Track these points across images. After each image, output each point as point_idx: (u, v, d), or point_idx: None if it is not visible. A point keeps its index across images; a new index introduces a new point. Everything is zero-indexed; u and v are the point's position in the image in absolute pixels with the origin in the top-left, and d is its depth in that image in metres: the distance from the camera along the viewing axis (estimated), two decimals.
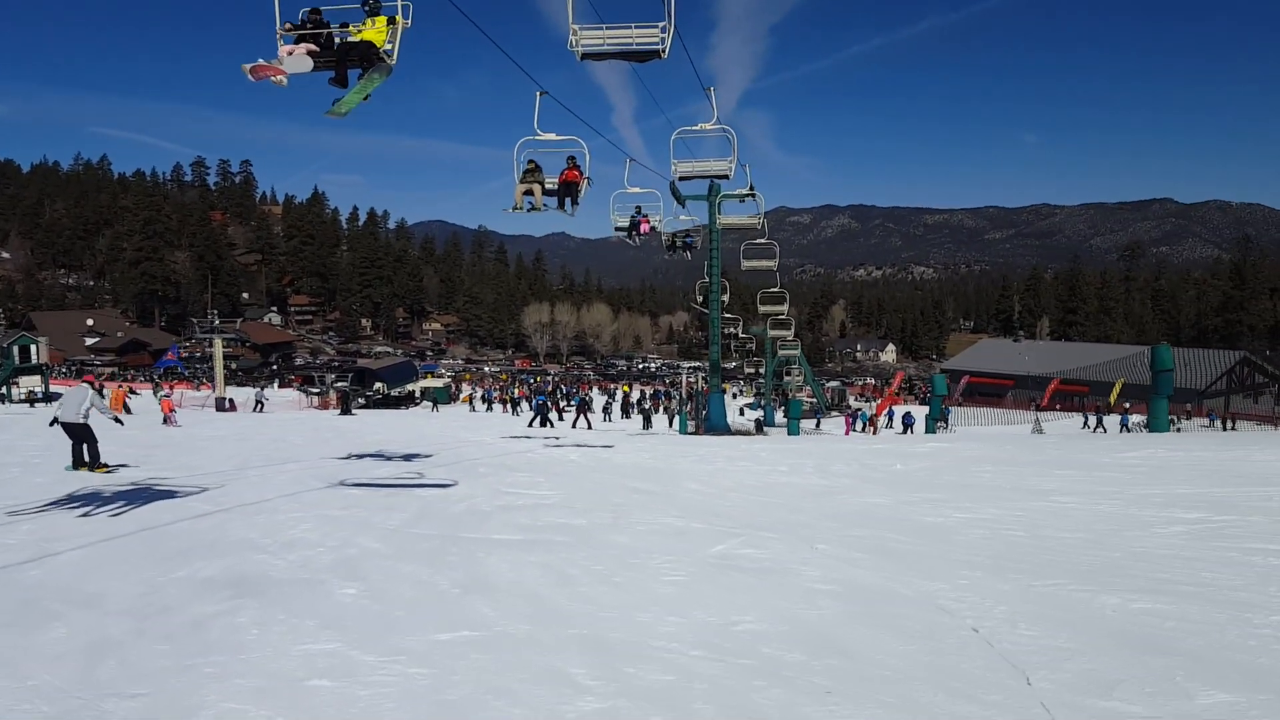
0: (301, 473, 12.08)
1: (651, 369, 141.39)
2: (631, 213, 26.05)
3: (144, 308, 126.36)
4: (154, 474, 11.83)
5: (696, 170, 25.86)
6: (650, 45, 14.18)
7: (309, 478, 11.54)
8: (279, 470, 12.39)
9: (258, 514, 8.75)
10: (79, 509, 8.73)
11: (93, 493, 9.75)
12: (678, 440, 23.35)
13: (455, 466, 13.31)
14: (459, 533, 7.92)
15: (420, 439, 20.71)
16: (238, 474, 11.92)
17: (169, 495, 9.73)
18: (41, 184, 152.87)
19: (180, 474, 11.83)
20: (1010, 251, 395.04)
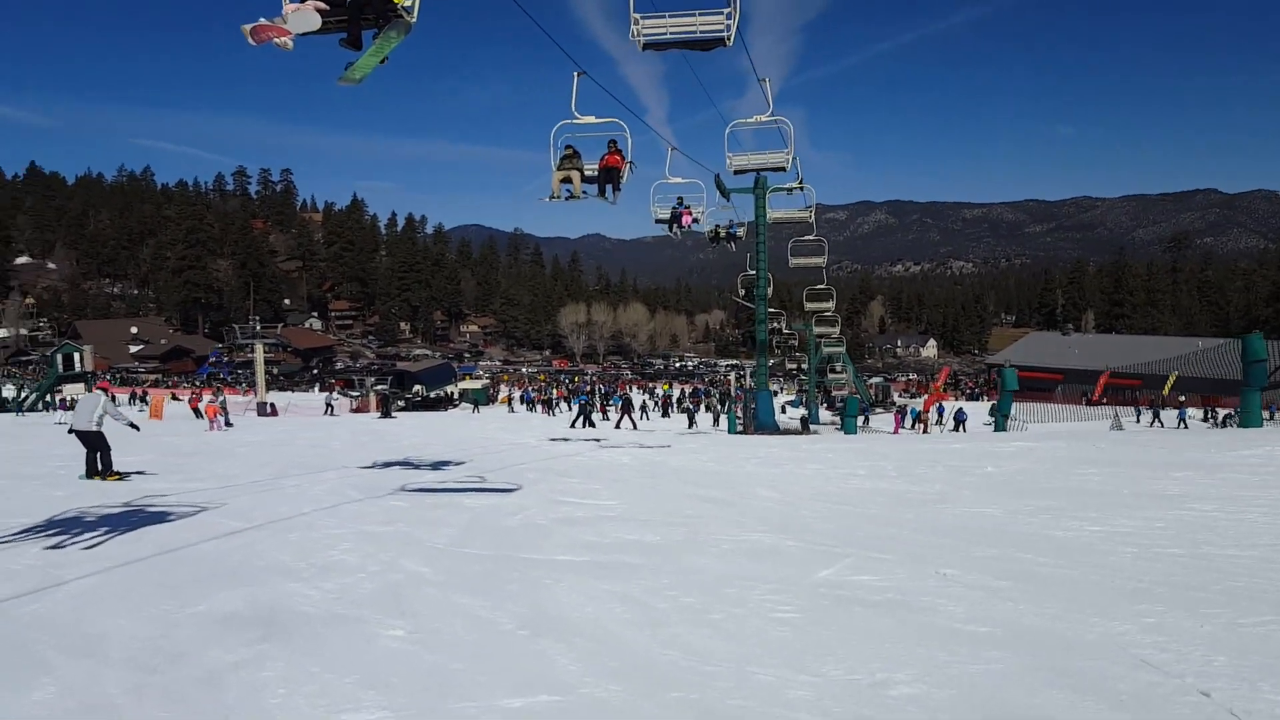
0: (339, 482, 11.20)
1: (689, 367, 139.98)
2: (673, 204, 25.07)
3: (187, 315, 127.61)
4: (183, 484, 11.01)
5: (751, 163, 25.04)
6: (715, 33, 13.59)
7: (347, 488, 10.65)
8: (316, 479, 11.53)
9: (291, 531, 7.84)
10: (95, 527, 7.87)
11: (112, 508, 8.91)
12: (729, 440, 22.25)
13: (502, 472, 12.37)
14: (516, 552, 6.93)
15: (462, 442, 19.85)
16: (272, 484, 11.07)
17: (196, 510, 8.86)
18: (86, 195, 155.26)
19: (211, 484, 11.00)
20: (1051, 245, 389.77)
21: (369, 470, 12.74)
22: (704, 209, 25.64)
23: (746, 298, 36.72)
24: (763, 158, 25.17)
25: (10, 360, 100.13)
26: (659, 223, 25.97)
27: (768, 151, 25.27)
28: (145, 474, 12.61)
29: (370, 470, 12.75)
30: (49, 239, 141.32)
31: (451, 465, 13.59)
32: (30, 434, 23.31)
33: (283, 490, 10.54)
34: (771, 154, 25.14)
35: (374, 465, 13.50)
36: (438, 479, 11.68)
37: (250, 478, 11.77)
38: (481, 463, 14.15)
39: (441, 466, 13.29)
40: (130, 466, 13.23)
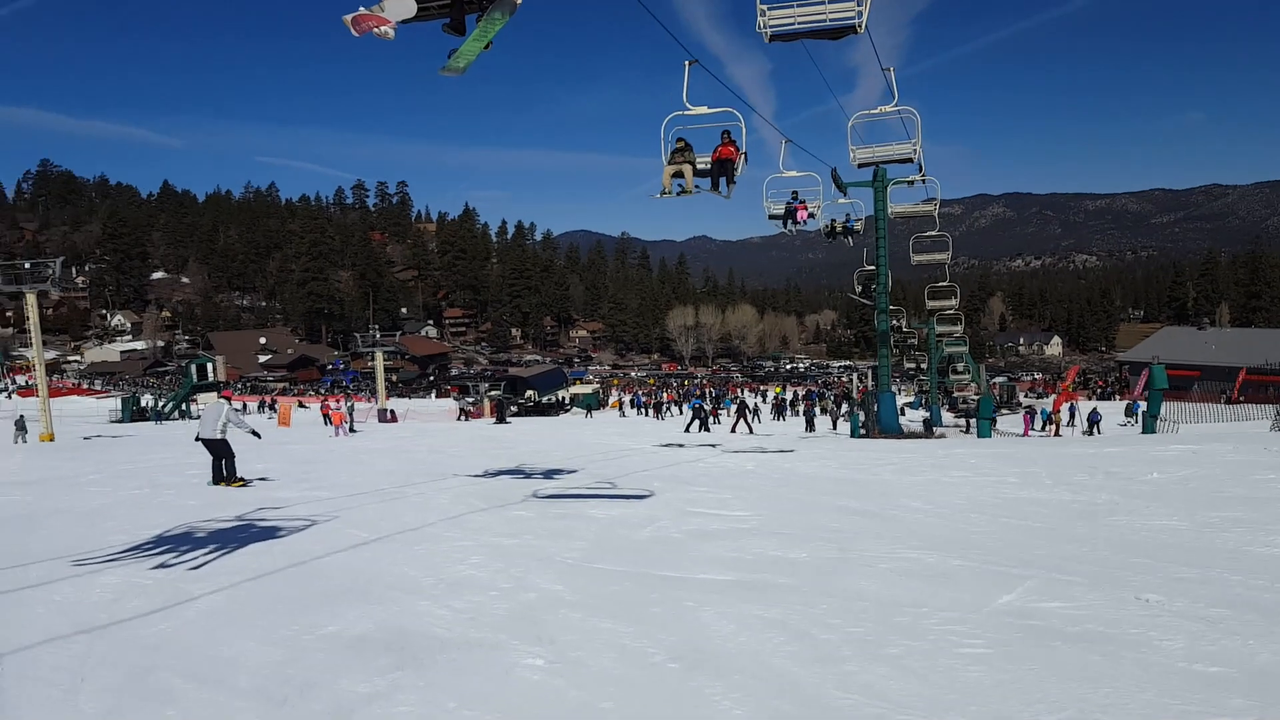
0: (463, 491, 10.96)
1: (800, 369, 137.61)
2: (786, 200, 24.30)
3: (311, 325, 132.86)
4: (309, 492, 10.97)
5: (876, 155, 24.14)
6: (846, 20, 12.94)
7: (471, 496, 10.38)
8: (439, 488, 11.33)
9: (418, 543, 7.55)
10: (225, 538, 7.77)
11: (241, 517, 8.84)
12: (855, 445, 21.32)
13: (626, 480, 11.94)
14: (653, 569, 6.45)
15: (579, 448, 19.59)
16: (397, 493, 10.91)
17: (323, 520, 8.71)
18: (216, 212, 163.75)
19: (337, 493, 10.93)
20: (1180, 236, 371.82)
21: (491, 478, 12.50)
22: (820, 203, 24.80)
23: (864, 294, 35.53)
24: (887, 150, 24.17)
25: (148, 371, 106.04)
26: (772, 219, 25.18)
27: (892, 143, 24.24)
28: (269, 480, 12.72)
29: (492, 478, 12.50)
30: (182, 254, 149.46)
31: (572, 472, 13.25)
32: (169, 442, 24.21)
33: (407, 499, 10.36)
34: (897, 146, 24.12)
35: (495, 473, 13.27)
36: (561, 487, 11.34)
37: (374, 485, 11.67)
38: (602, 470, 13.77)
39: (563, 474, 12.96)
40: (257, 473, 13.39)
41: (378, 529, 8.22)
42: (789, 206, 23.46)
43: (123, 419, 48.12)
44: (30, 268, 32.19)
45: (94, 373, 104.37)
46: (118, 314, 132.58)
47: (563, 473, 13.14)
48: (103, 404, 60.47)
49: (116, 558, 7.05)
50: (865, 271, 35.08)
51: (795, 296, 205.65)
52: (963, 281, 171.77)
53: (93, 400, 66.08)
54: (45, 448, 23.23)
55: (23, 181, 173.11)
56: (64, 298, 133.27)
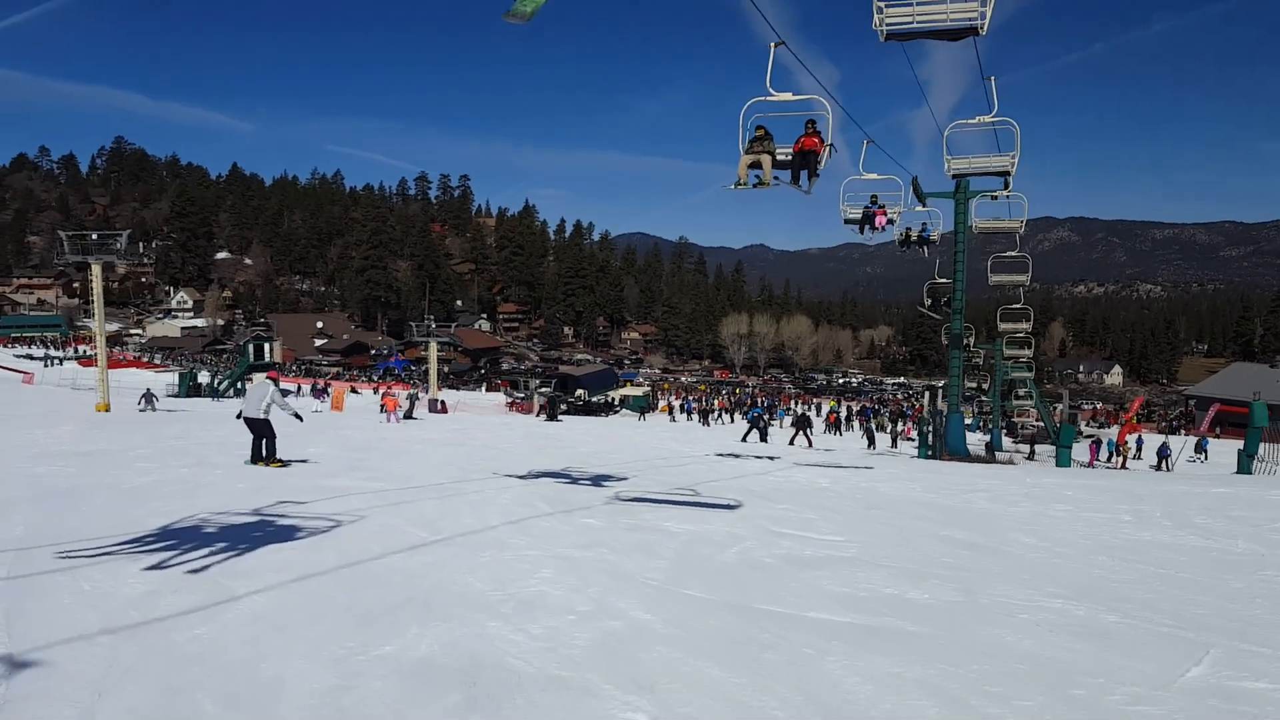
0: (525, 491, 10.24)
1: (853, 384, 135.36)
2: (865, 204, 23.31)
3: (368, 312, 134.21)
4: (365, 483, 10.33)
5: (973, 166, 23.19)
6: (967, 21, 12.18)
7: (535, 498, 9.66)
8: (500, 486, 10.63)
9: (483, 549, 6.82)
10: (274, 530, 7.12)
11: (292, 507, 8.21)
12: (927, 466, 20.24)
13: (695, 489, 11.12)
14: (752, 601, 5.62)
15: (638, 451, 18.83)
16: (454, 489, 10.23)
17: (378, 514, 8.05)
18: (281, 196, 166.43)
19: (392, 484, 10.29)
20: (1249, 270, 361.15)
21: (553, 479, 11.78)
22: (900, 209, 23.83)
23: (932, 308, 34.34)
24: (985, 161, 23.19)
25: (206, 348, 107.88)
26: (848, 223, 24.26)
27: (990, 155, 23.22)
28: (319, 464, 12.14)
29: (554, 479, 11.78)
30: (247, 236, 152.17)
31: (637, 478, 12.47)
32: (221, 419, 23.94)
33: (466, 496, 9.66)
34: (995, 157, 23.12)
35: (556, 473, 12.54)
36: (628, 492, 10.55)
37: (430, 479, 11.02)
38: (668, 477, 12.96)
39: (627, 479, 12.17)
40: (309, 456, 12.84)
41: (437, 529, 7.52)
42: (867, 211, 22.50)
43: (179, 394, 48.52)
44: (97, 239, 32.42)
45: (154, 347, 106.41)
46: (181, 291, 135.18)
47: (627, 478, 12.36)
48: (160, 378, 61.24)
49: (155, 543, 6.44)
50: (936, 284, 33.90)
51: (851, 310, 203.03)
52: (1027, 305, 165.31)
53: (151, 374, 67.02)
54: (99, 418, 23.09)
55: (97, 157, 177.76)
56: (130, 271, 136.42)
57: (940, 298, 33.96)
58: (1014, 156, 22.57)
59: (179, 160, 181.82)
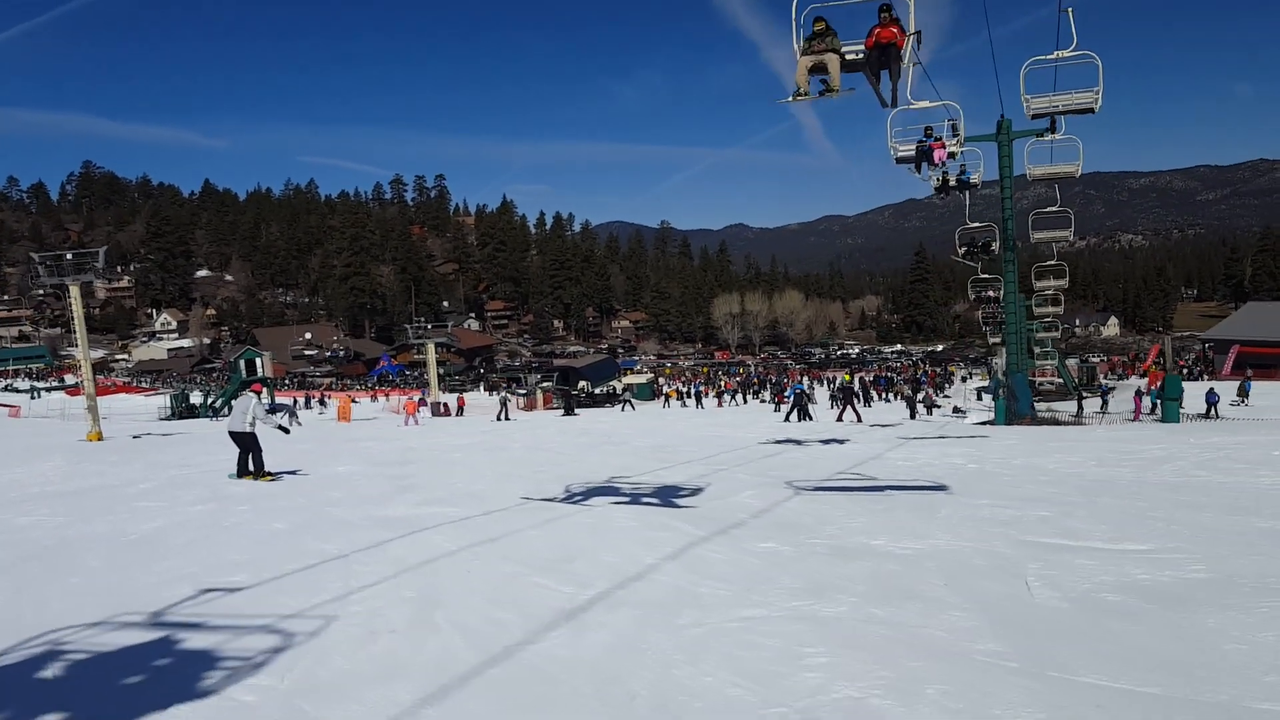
0: (640, 507, 8.10)
1: (852, 354, 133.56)
2: (918, 137, 21.24)
3: (354, 320, 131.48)
4: (427, 508, 8.23)
5: (1055, 104, 21.20)
6: None
7: (662, 514, 7.54)
8: (603, 502, 8.50)
9: (675, 610, 4.70)
10: (351, 596, 5.03)
11: (360, 558, 6.10)
12: (1029, 433, 18.20)
13: (828, 487, 9.06)
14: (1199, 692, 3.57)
15: (704, 442, 16.75)
16: (548, 510, 8.08)
17: (483, 559, 5.96)
18: (257, 209, 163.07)
19: (464, 508, 8.19)
20: (1226, 213, 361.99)
21: (652, 485, 9.69)
22: (961, 140, 21.78)
23: (966, 255, 32.30)
24: (1067, 98, 21.18)
25: (195, 368, 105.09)
26: (900, 162, 22.19)
27: (1072, 91, 21.23)
28: (347, 483, 10.06)
29: (653, 486, 9.69)
30: (225, 252, 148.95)
31: (745, 476, 10.41)
32: (225, 440, 21.73)
33: (572, 518, 7.52)
34: (1077, 94, 21.13)
35: (643, 478, 10.46)
36: (765, 500, 8.44)
37: (505, 497, 8.92)
38: (778, 470, 10.90)
39: (736, 478, 10.08)
40: (338, 476, 10.82)
41: (574, 576, 5.34)
42: (922, 145, 20.43)
43: (172, 416, 46.31)
44: (73, 259, 30.24)
45: (142, 371, 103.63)
46: (163, 312, 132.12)
47: (736, 477, 10.28)
48: (151, 402, 58.91)
49: (177, 638, 4.28)
50: (969, 230, 31.84)
51: (838, 282, 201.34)
52: None
53: (141, 398, 64.63)
54: (91, 449, 20.85)
55: (66, 184, 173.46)
56: (110, 296, 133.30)
57: (975, 244, 31.94)
58: (1098, 92, 20.65)
59: (150, 181, 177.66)
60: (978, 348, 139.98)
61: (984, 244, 31.75)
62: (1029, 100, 21.25)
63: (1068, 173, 25.75)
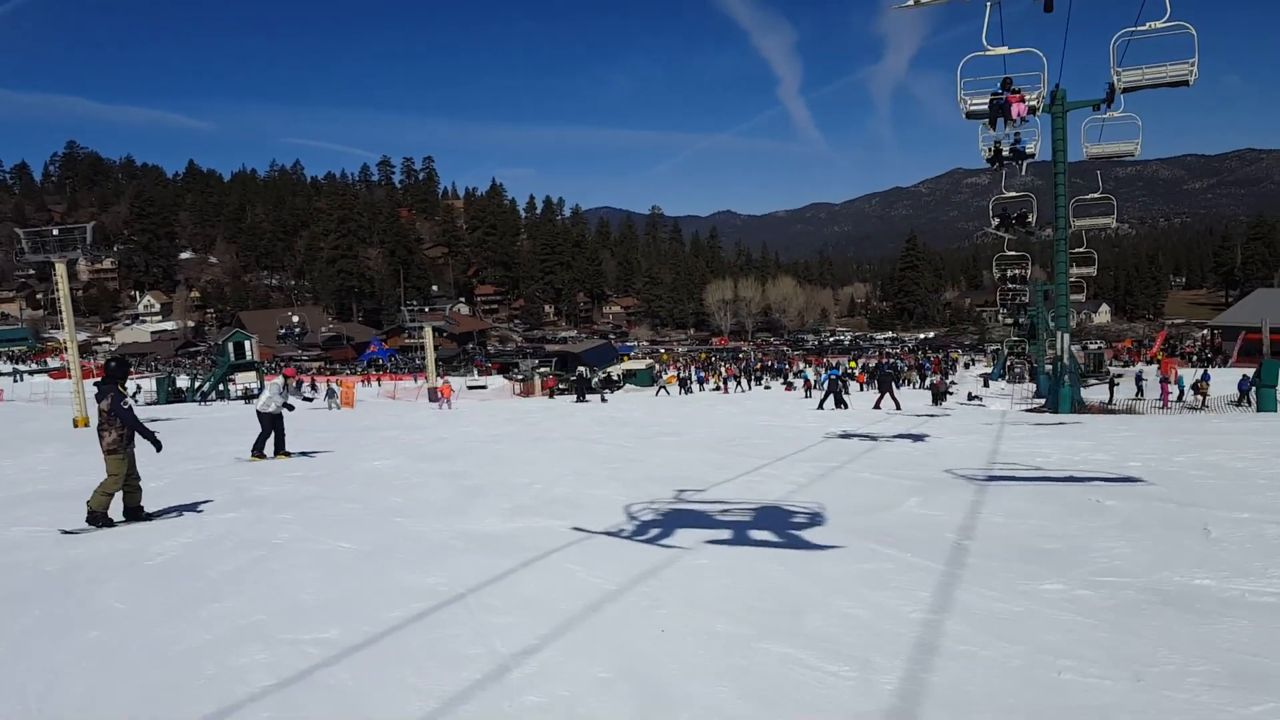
0: (764, 525, 6.56)
1: (844, 342, 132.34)
2: (992, 89, 19.70)
3: (342, 304, 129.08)
4: (515, 520, 6.64)
5: (1147, 78, 19.76)
6: None
7: (809, 540, 6.02)
8: (727, 521, 6.98)
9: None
10: (492, 684, 3.46)
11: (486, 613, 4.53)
12: (1110, 422, 16.81)
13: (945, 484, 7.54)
14: None
15: (751, 432, 15.22)
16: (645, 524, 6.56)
17: (635, 609, 4.40)
18: (242, 191, 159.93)
19: (556, 519, 6.61)
20: (1213, 202, 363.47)
21: (747, 489, 8.16)
22: (1042, 93, 20.22)
23: (1001, 226, 30.82)
24: (1160, 71, 19.77)
25: (180, 351, 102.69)
26: (972, 117, 20.61)
27: (1165, 64, 19.81)
28: (395, 482, 8.46)
29: (747, 488, 8.16)
30: (210, 234, 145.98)
31: (845, 470, 8.89)
32: (228, 428, 20.05)
33: (718, 547, 6.01)
34: (1172, 66, 19.73)
35: (739, 479, 8.92)
36: (913, 509, 6.91)
37: (601, 506, 7.32)
38: (888, 467, 9.37)
39: (847, 486, 8.53)
40: (381, 473, 9.27)
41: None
42: (998, 99, 18.86)
43: (159, 401, 44.52)
44: (59, 235, 28.48)
45: (125, 353, 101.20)
46: (147, 294, 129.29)
47: (850, 473, 8.74)
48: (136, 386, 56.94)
49: None
50: (1004, 199, 30.39)
51: (828, 269, 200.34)
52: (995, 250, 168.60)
53: (129, 383, 62.52)
54: (80, 436, 19.13)
55: (50, 164, 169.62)
56: (93, 278, 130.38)
57: (1010, 215, 30.44)
58: (1193, 64, 19.25)
59: (134, 161, 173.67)
60: (971, 334, 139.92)
61: (1019, 215, 30.29)
62: (1120, 73, 19.81)
63: (1126, 152, 24.32)
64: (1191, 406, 31.03)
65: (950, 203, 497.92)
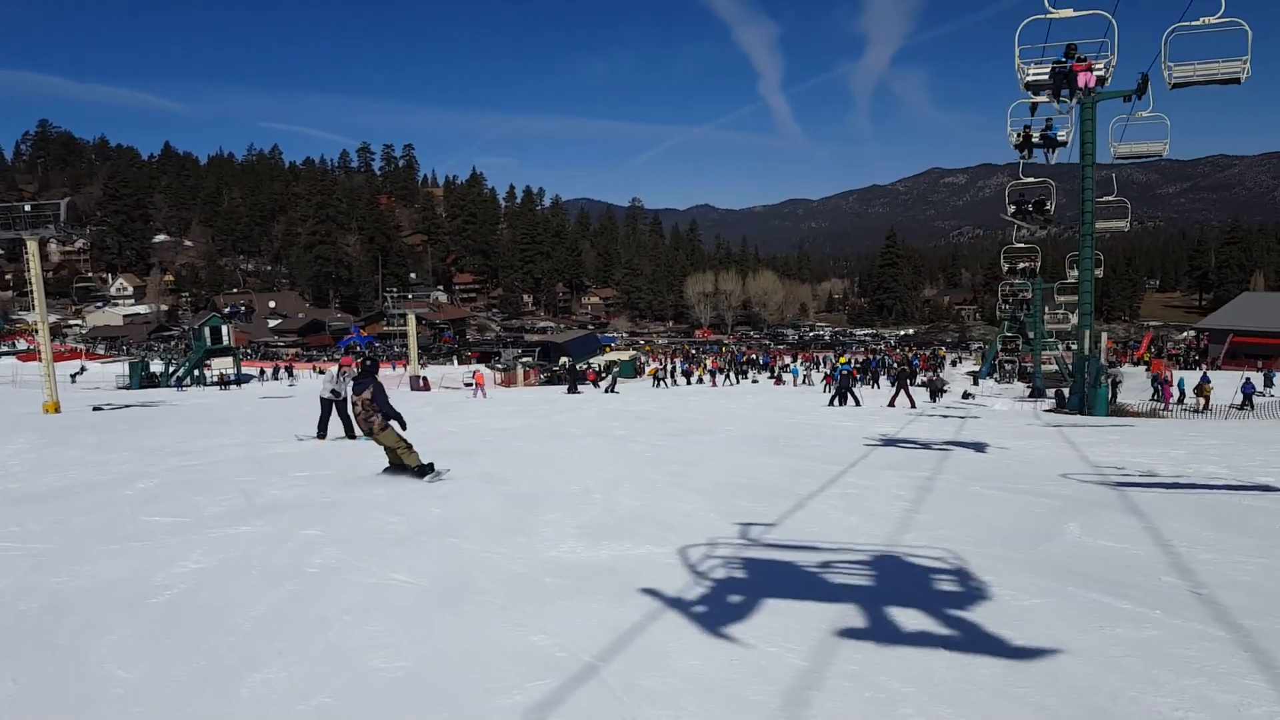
0: (924, 556, 5.46)
1: (824, 337, 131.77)
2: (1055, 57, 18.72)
3: (319, 290, 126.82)
4: (603, 542, 5.50)
5: (1198, 74, 19.00)
6: None
7: (998, 586, 4.93)
8: (873, 552, 5.87)
9: None
10: None
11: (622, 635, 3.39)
12: (1162, 425, 15.88)
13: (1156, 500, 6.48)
14: None
15: (787, 430, 14.13)
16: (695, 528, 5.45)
17: (785, 655, 3.27)
18: (219, 174, 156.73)
19: (651, 540, 5.47)
20: (1186, 206, 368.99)
21: (850, 500, 7.05)
22: (1113, 60, 19.30)
23: (1016, 214, 29.91)
24: (1212, 67, 18.98)
25: (152, 335, 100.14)
26: (1030, 88, 19.61)
27: (1217, 61, 19.00)
28: (471, 491, 7.25)
29: (852, 498, 7.05)
30: (185, 217, 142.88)
31: (943, 478, 7.81)
32: (216, 416, 18.69)
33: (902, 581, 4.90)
34: (1225, 63, 18.99)
35: (831, 488, 7.80)
36: (1076, 535, 5.83)
37: (692, 525, 6.22)
38: (987, 474, 8.29)
39: (968, 503, 7.43)
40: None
41: None
42: (1060, 68, 17.81)
43: (131, 385, 42.80)
44: (31, 212, 26.95)
45: (96, 337, 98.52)
46: (120, 277, 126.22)
47: (953, 485, 7.65)
48: (108, 369, 55.13)
49: None
50: (1020, 185, 29.50)
51: (806, 264, 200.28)
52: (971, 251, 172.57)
53: (97, 365, 60.61)
54: (51, 423, 17.71)
55: (21, 143, 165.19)
56: (64, 260, 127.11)
57: (1026, 202, 29.51)
58: (1245, 61, 18.49)
59: (108, 142, 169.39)
60: (951, 331, 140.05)
61: (1037, 203, 29.35)
62: (1171, 68, 18.96)
63: (1155, 152, 23.47)
64: (1193, 409, 30.39)
65: (927, 201, 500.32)
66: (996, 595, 4.15)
